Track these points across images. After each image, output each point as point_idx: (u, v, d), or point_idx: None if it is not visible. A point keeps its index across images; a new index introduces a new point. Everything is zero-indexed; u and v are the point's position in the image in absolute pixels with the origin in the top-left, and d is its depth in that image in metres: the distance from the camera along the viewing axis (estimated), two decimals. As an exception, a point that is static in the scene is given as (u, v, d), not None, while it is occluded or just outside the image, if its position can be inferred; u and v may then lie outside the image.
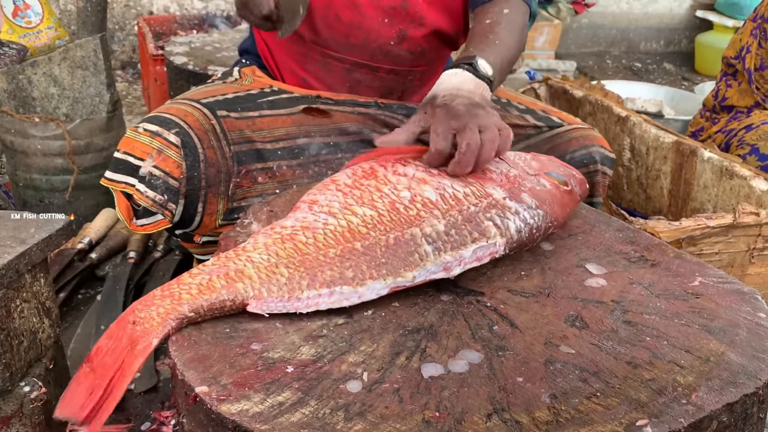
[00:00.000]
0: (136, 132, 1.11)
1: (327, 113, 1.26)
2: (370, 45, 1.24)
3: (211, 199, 1.13)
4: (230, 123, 1.17)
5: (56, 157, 1.75)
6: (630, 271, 0.87)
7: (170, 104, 1.18)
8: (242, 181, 1.17)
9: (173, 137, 1.09)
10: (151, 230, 1.13)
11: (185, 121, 1.11)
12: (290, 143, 1.22)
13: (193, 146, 1.10)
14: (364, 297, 0.77)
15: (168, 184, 1.08)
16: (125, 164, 1.10)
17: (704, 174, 1.63)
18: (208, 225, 1.15)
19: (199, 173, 1.10)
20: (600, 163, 1.26)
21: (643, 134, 1.84)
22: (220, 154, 1.13)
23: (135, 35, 4.02)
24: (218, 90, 1.25)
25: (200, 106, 1.16)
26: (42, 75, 1.71)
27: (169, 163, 1.08)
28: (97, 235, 1.72)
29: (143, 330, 0.71)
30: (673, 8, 5.24)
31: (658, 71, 4.95)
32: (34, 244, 1.07)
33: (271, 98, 1.25)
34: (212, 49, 2.29)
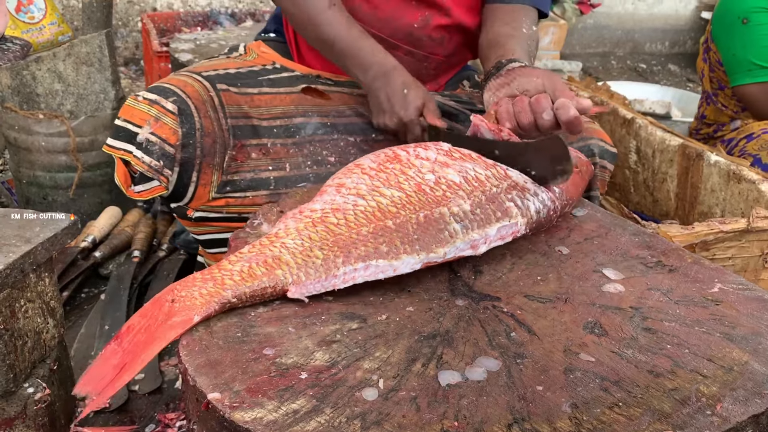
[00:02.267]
0: (136, 100, 1.13)
1: (325, 95, 1.27)
2: (395, 22, 1.26)
3: (206, 169, 1.14)
4: (229, 96, 1.19)
5: (60, 154, 1.74)
6: (648, 276, 0.85)
7: (172, 76, 1.20)
8: (237, 154, 1.17)
9: (170, 105, 1.11)
10: (146, 196, 1.15)
11: (184, 91, 1.14)
12: (287, 122, 1.23)
13: (189, 114, 1.12)
14: (399, 270, 0.80)
15: (164, 150, 1.10)
16: (124, 131, 1.12)
17: (711, 178, 1.61)
18: (202, 197, 1.15)
19: (194, 141, 1.12)
20: (599, 156, 1.24)
21: (649, 137, 1.83)
22: (216, 125, 1.15)
23: (138, 32, 4.01)
24: (221, 64, 1.26)
25: (200, 78, 1.18)
26: (46, 71, 1.69)
27: (166, 129, 1.10)
28: (101, 234, 1.71)
29: (183, 306, 0.72)
30: (679, 9, 5.23)
31: (663, 72, 4.93)
32: (39, 243, 1.06)
33: (271, 76, 1.26)
34: (217, 46, 2.28)
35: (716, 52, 1.95)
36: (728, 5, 1.88)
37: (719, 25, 1.91)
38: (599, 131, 1.29)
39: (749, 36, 1.80)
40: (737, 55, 1.84)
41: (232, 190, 1.17)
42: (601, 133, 1.29)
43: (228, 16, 3.24)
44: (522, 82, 1.05)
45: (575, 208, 1.03)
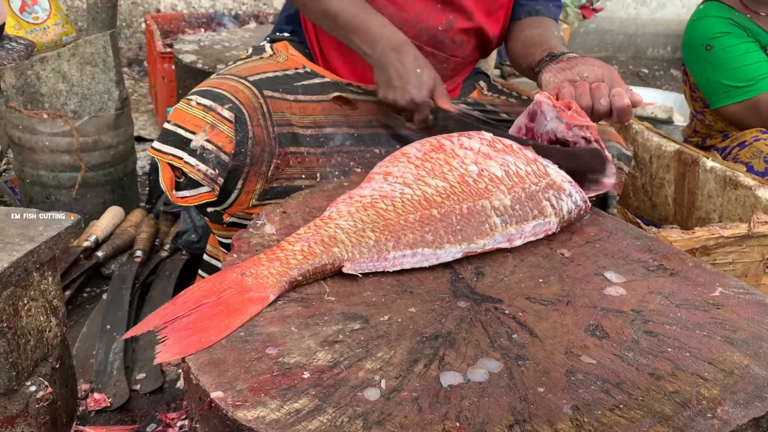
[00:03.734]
0: (189, 105, 1.10)
1: (353, 104, 1.26)
2: (420, 24, 1.27)
3: (252, 178, 1.12)
4: (275, 103, 1.17)
5: (63, 154, 1.74)
6: (649, 279, 0.86)
7: (220, 79, 1.17)
8: (281, 162, 1.17)
9: (227, 112, 1.09)
10: (192, 202, 1.12)
11: (237, 98, 1.11)
12: (317, 131, 1.22)
13: (244, 122, 1.10)
14: (441, 259, 0.86)
15: (220, 158, 1.07)
16: (175, 136, 1.08)
17: (708, 183, 1.61)
18: (243, 203, 1.14)
19: (246, 150, 1.10)
20: (617, 159, 1.25)
21: (645, 142, 1.83)
22: (266, 134, 1.13)
23: (142, 33, 4.02)
24: (260, 67, 1.24)
25: (249, 84, 1.16)
26: (51, 71, 1.70)
27: (222, 137, 1.08)
28: (103, 234, 1.71)
29: (258, 283, 0.77)
30: (681, 14, 5.23)
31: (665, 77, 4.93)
32: (42, 242, 1.06)
33: (305, 82, 1.25)
34: (221, 47, 2.29)
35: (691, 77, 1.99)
36: (691, 34, 1.93)
37: (688, 54, 1.97)
38: (616, 134, 1.31)
39: (716, 61, 1.85)
40: (710, 80, 1.88)
41: (270, 197, 1.16)
42: (618, 136, 1.31)
43: (231, 17, 3.25)
44: (583, 69, 1.12)
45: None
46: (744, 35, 1.83)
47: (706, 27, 1.87)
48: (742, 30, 1.83)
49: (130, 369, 1.39)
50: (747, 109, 1.82)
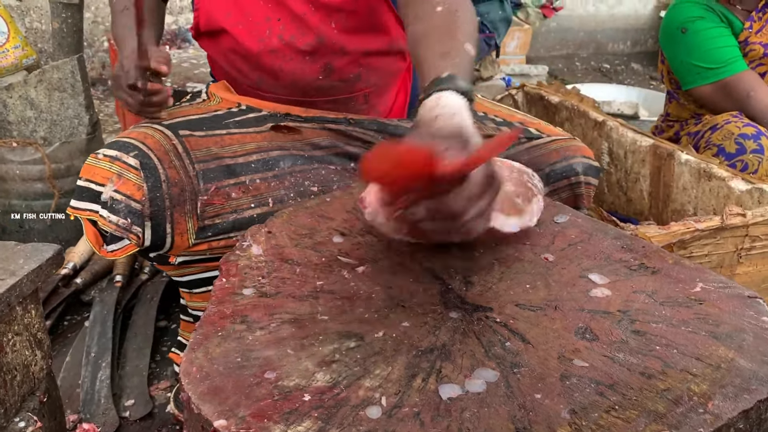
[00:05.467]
0: (96, 158, 1.11)
1: (297, 130, 1.25)
2: (299, 84, 1.24)
3: (178, 219, 1.11)
4: (194, 142, 1.16)
5: (36, 182, 1.72)
6: (632, 279, 0.88)
7: (131, 129, 1.17)
8: (212, 198, 1.15)
9: (132, 160, 1.09)
10: (120, 255, 1.12)
11: (144, 143, 1.11)
12: (263, 156, 1.21)
13: (152, 167, 1.09)
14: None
15: (130, 207, 1.07)
16: (88, 191, 1.09)
17: (683, 176, 1.65)
18: (181, 245, 1.13)
19: (161, 194, 1.09)
20: (583, 174, 1.26)
21: (620, 138, 1.87)
22: (183, 173, 1.12)
23: (105, 51, 3.97)
24: (182, 112, 1.24)
25: (161, 128, 1.16)
26: (18, 98, 1.67)
27: (130, 186, 1.08)
28: (81, 260, 1.69)
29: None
30: (638, 9, 5.34)
31: (626, 71, 5.03)
32: (24, 275, 1.05)
33: (237, 118, 1.24)
34: (189, 65, 2.27)
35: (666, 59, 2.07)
36: (669, 18, 2.03)
37: (664, 36, 2.05)
38: (581, 147, 1.29)
39: (690, 43, 1.93)
40: (684, 62, 1.96)
41: (214, 234, 1.15)
42: (584, 149, 1.29)
43: (196, 33, 3.23)
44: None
45: (557, 215, 1.06)
46: (718, 20, 1.90)
47: (683, 11, 1.96)
48: (717, 16, 1.91)
49: (117, 396, 1.37)
50: (718, 90, 1.89)
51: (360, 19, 1.24)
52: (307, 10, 1.21)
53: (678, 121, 2.11)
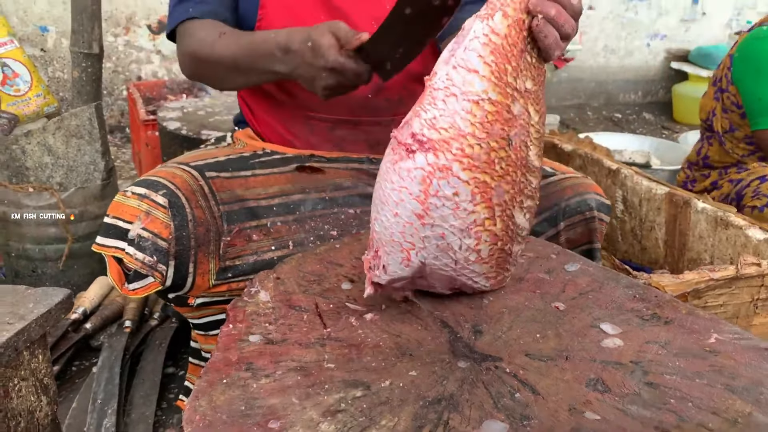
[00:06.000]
0: (125, 196, 1.11)
1: (321, 170, 1.27)
2: (348, 100, 1.24)
3: (202, 259, 1.12)
4: (219, 183, 1.18)
5: (50, 227, 1.74)
6: (644, 329, 0.86)
7: (159, 168, 1.19)
8: (234, 239, 1.16)
9: (160, 198, 1.09)
10: (142, 294, 1.11)
11: (173, 183, 1.12)
12: (285, 199, 1.22)
13: (180, 206, 1.10)
14: None
15: (157, 245, 1.07)
16: (115, 228, 1.09)
17: (699, 224, 1.64)
18: (201, 285, 1.13)
19: (188, 233, 1.10)
20: (596, 210, 1.26)
21: (635, 186, 1.87)
22: (208, 213, 1.13)
23: (123, 100, 4.06)
24: (209, 153, 1.26)
25: (189, 168, 1.17)
26: (36, 144, 1.70)
27: (158, 224, 1.08)
28: (91, 305, 1.69)
29: None
30: (649, 61, 5.41)
31: (638, 121, 5.06)
32: (33, 320, 1.05)
33: (263, 159, 1.27)
34: (204, 113, 2.31)
35: (735, 94, 1.95)
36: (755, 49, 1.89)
37: (743, 69, 1.92)
38: (593, 185, 1.31)
39: None
40: (763, 100, 1.84)
41: (234, 275, 1.15)
42: (596, 187, 1.31)
43: (213, 83, 3.30)
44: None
45: (568, 264, 1.05)
46: None
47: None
48: None
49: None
50: None
51: None
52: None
53: (716, 168, 2.05)
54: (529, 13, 0.85)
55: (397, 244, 0.86)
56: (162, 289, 1.13)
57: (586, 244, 1.28)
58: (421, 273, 0.88)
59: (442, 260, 0.87)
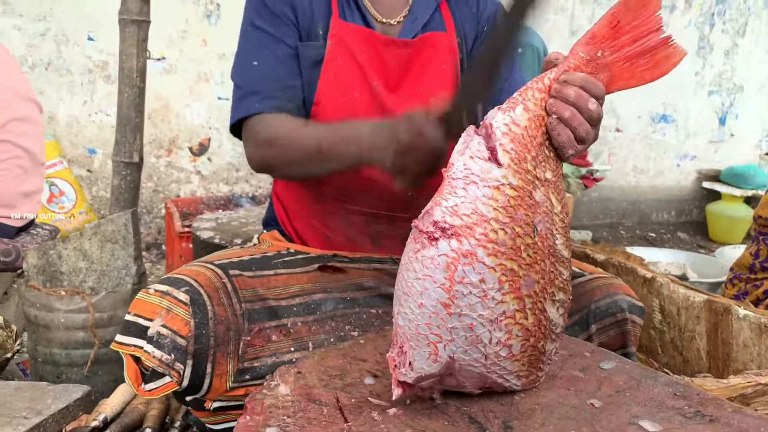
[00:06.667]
0: (147, 293, 1.11)
1: (342, 270, 1.26)
2: (388, 196, 1.25)
3: (220, 359, 1.09)
4: (242, 281, 1.17)
5: (78, 331, 1.74)
6: (687, 427, 0.80)
7: (184, 267, 1.19)
8: (254, 339, 1.14)
9: (182, 295, 1.09)
10: (158, 394, 1.08)
11: (196, 280, 1.12)
12: (306, 299, 1.21)
13: (202, 303, 1.09)
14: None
15: (176, 342, 1.06)
16: (135, 326, 1.08)
17: (742, 332, 1.57)
18: (219, 388, 1.10)
19: (207, 331, 1.08)
20: (628, 312, 1.22)
21: (671, 294, 1.81)
22: (230, 311, 1.12)
23: (161, 218, 4.18)
24: (234, 253, 1.27)
25: (213, 267, 1.17)
26: (72, 250, 1.74)
27: (177, 321, 1.07)
28: (113, 412, 1.65)
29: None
30: (680, 181, 5.42)
31: (673, 240, 5.00)
32: (50, 415, 1.03)
33: (286, 259, 1.27)
34: (238, 224, 2.36)
35: None
36: None
37: None
38: (625, 287, 1.28)
39: None
40: None
41: (252, 377, 1.13)
42: (627, 288, 1.27)
43: (249, 199, 3.40)
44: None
45: (603, 362, 1.00)
46: None
47: None
48: None
49: None
50: None
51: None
52: None
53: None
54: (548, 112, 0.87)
55: (423, 337, 0.83)
56: (179, 391, 1.10)
57: (620, 348, 1.22)
58: (450, 370, 0.85)
59: (471, 354, 0.84)
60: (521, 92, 0.88)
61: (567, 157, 0.88)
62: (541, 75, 0.90)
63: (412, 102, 1.30)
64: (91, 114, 3.99)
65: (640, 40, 0.91)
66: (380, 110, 1.29)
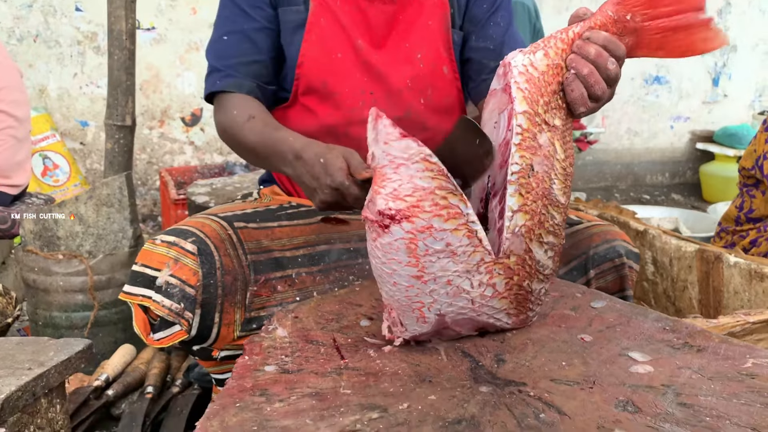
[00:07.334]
0: (154, 244, 1.12)
1: (345, 221, 1.28)
2: None
3: (228, 309, 1.11)
4: (247, 233, 1.18)
5: (77, 294, 1.75)
6: (676, 357, 0.82)
7: (188, 219, 1.20)
8: (260, 290, 1.15)
9: (190, 245, 1.09)
10: (167, 343, 1.09)
11: (202, 231, 1.12)
12: (310, 250, 1.23)
13: (209, 253, 1.10)
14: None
15: (185, 292, 1.07)
16: (143, 276, 1.09)
17: (733, 279, 1.59)
18: (226, 337, 1.12)
19: (215, 281, 1.09)
20: (626, 257, 1.24)
21: (664, 246, 1.83)
22: (236, 263, 1.13)
23: (156, 189, 4.18)
24: (237, 206, 1.28)
25: (217, 219, 1.18)
26: (68, 214, 1.75)
27: (186, 270, 1.07)
28: (114, 372, 1.68)
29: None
30: (674, 142, 5.43)
31: (667, 201, 5.02)
32: (52, 366, 1.05)
33: (289, 211, 1.28)
34: (233, 189, 2.37)
35: None
36: None
37: None
38: (621, 233, 1.29)
39: None
40: None
41: (259, 327, 1.13)
42: (624, 235, 1.29)
43: (243, 167, 3.40)
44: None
45: (594, 301, 1.02)
46: None
47: None
48: None
49: None
50: None
51: (442, 97, 1.33)
52: (403, 87, 1.29)
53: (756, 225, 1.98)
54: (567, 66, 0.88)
55: (407, 307, 0.85)
56: (186, 340, 1.12)
57: (619, 292, 1.24)
58: (442, 324, 0.87)
59: (457, 304, 0.85)
60: (544, 39, 0.89)
61: (578, 113, 0.88)
62: (566, 27, 0.90)
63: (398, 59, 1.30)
64: (81, 86, 3.96)
65: (680, 15, 0.90)
66: (365, 68, 1.29)
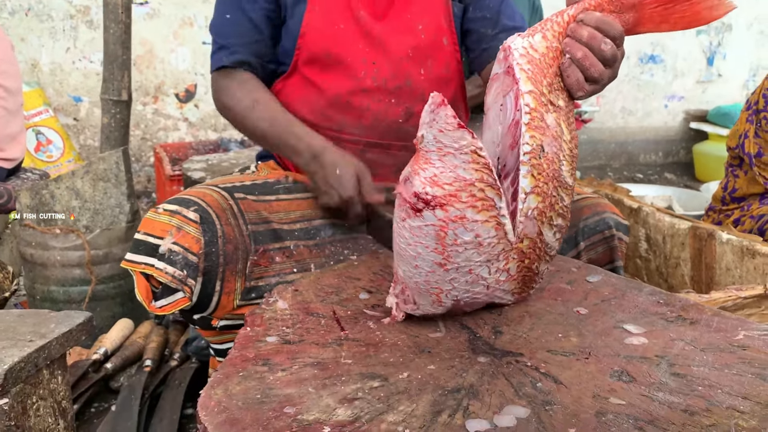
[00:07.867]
0: (156, 213, 1.13)
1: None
2: (381, 125, 1.31)
3: (229, 277, 1.12)
4: (247, 204, 1.20)
5: (75, 268, 1.76)
6: (669, 329, 0.84)
7: (189, 189, 1.21)
8: (260, 259, 1.17)
9: (192, 214, 1.11)
10: (170, 310, 1.10)
11: (203, 200, 1.14)
12: (306, 225, 1.25)
13: (211, 222, 1.11)
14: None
15: (187, 259, 1.08)
16: (145, 245, 1.10)
17: (725, 256, 1.61)
18: (226, 306, 1.13)
19: (217, 249, 1.10)
20: (615, 229, 1.25)
21: (657, 223, 1.85)
22: (237, 232, 1.15)
23: (151, 166, 4.17)
24: (236, 178, 1.29)
25: (218, 189, 1.20)
26: (65, 189, 1.75)
27: (189, 238, 1.09)
28: (112, 345, 1.69)
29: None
30: (668, 121, 5.44)
31: (660, 180, 5.04)
32: (53, 338, 1.05)
33: (286, 185, 1.30)
34: (228, 165, 2.37)
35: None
36: None
37: None
38: (610, 205, 1.30)
39: None
40: None
41: (258, 296, 1.15)
42: (613, 207, 1.30)
43: (237, 143, 3.39)
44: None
45: (589, 275, 1.03)
46: None
47: None
48: None
49: (138, 481, 1.32)
50: None
51: (441, 68, 1.35)
52: (404, 56, 1.31)
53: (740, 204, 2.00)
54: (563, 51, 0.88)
55: (424, 290, 0.85)
56: (187, 309, 1.13)
57: (608, 263, 1.26)
58: (456, 307, 0.88)
59: (474, 289, 0.85)
60: (542, 23, 0.89)
61: (578, 97, 0.89)
62: (562, 9, 0.90)
63: (399, 29, 1.31)
64: (74, 61, 3.93)
65: None
66: (367, 39, 1.30)
